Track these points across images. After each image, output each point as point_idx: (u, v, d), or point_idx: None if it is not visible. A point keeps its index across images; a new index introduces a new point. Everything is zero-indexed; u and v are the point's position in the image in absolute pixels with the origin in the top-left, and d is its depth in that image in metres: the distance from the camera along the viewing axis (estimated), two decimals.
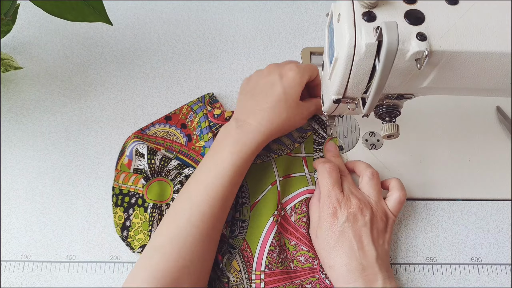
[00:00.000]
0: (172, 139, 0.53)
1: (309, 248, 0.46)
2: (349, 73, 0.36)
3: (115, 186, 0.51)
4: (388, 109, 0.41)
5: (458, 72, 0.35)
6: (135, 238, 0.48)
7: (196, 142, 0.53)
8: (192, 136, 0.53)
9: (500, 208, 0.49)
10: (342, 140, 0.53)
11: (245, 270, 0.45)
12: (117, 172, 0.51)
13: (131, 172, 0.51)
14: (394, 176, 0.50)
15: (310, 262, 0.45)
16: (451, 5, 0.35)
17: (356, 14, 0.34)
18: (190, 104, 0.55)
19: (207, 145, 0.52)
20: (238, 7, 0.62)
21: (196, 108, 0.55)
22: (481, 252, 0.47)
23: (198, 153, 0.52)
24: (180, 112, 0.55)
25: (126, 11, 0.62)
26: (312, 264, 0.45)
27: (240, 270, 0.45)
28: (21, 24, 0.59)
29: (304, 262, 0.46)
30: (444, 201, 0.50)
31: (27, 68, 0.57)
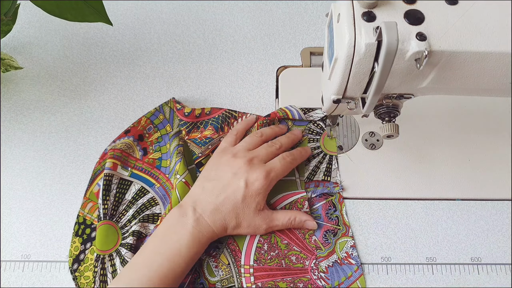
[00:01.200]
0: (129, 152, 0.52)
1: (301, 248, 0.46)
2: (349, 73, 0.36)
3: (80, 215, 0.49)
4: (387, 109, 0.41)
5: (457, 72, 0.36)
6: (83, 275, 0.46)
7: (150, 155, 0.53)
8: (148, 150, 0.53)
9: (500, 208, 0.49)
10: (342, 140, 0.53)
11: (234, 264, 0.46)
12: (85, 200, 0.50)
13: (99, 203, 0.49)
14: (394, 176, 0.50)
15: (301, 263, 0.46)
16: (450, 5, 0.35)
17: (356, 14, 0.34)
18: (149, 116, 0.54)
19: (164, 157, 0.52)
20: (238, 7, 0.62)
21: (158, 122, 0.54)
22: (481, 252, 0.47)
23: (153, 166, 0.52)
24: (139, 124, 0.54)
25: (126, 11, 0.62)
26: (303, 265, 0.46)
27: (229, 264, 0.46)
28: (21, 24, 0.59)
29: (295, 262, 0.46)
30: (444, 201, 0.50)
31: (27, 68, 0.57)
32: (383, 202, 0.50)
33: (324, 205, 0.49)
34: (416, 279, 0.46)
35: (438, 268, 0.46)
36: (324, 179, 0.50)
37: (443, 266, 0.46)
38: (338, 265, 0.46)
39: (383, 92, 0.39)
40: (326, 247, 0.47)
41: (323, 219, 0.48)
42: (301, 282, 0.45)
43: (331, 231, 0.48)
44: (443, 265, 0.47)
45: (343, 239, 0.47)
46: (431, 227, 0.48)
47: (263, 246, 0.46)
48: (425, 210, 0.49)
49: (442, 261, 0.47)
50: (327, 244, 0.47)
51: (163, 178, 0.51)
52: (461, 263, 0.47)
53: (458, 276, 0.46)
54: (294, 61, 0.59)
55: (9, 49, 0.58)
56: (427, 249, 0.47)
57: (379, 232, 0.48)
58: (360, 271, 0.46)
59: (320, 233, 0.47)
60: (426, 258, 0.47)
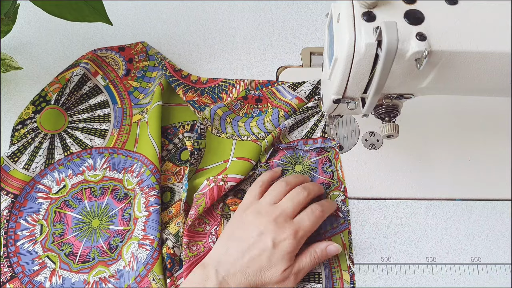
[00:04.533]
0: (113, 68, 0.56)
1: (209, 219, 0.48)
2: (349, 73, 0.36)
3: (45, 90, 0.54)
4: (387, 109, 0.41)
5: (457, 72, 0.36)
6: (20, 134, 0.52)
7: (130, 80, 0.56)
8: (130, 73, 0.56)
9: (500, 208, 0.49)
10: (342, 140, 0.53)
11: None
12: (55, 80, 0.55)
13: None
14: (394, 176, 0.50)
15: (202, 227, 0.47)
16: (450, 5, 0.35)
17: (356, 14, 0.34)
18: (145, 45, 0.58)
19: (140, 90, 0.55)
20: (238, 7, 0.62)
21: (151, 53, 0.57)
22: (480, 252, 0.47)
23: (127, 90, 0.55)
24: (135, 48, 0.58)
25: (126, 11, 0.62)
26: (203, 229, 0.47)
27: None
28: (21, 24, 0.59)
29: (197, 226, 0.47)
30: (444, 201, 0.50)
31: (27, 68, 0.57)
32: (383, 202, 0.50)
33: (320, 160, 0.51)
34: (416, 279, 0.46)
35: (438, 268, 0.46)
36: (322, 136, 0.52)
37: (443, 266, 0.46)
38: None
39: (383, 92, 0.39)
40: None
41: (318, 172, 0.51)
42: (195, 245, 0.46)
43: (325, 184, 0.50)
44: (443, 265, 0.47)
45: (335, 192, 0.49)
46: (431, 227, 0.48)
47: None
48: (425, 210, 0.49)
49: (442, 261, 0.47)
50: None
51: (127, 104, 0.55)
52: (461, 263, 0.47)
53: (458, 276, 0.46)
54: (294, 61, 0.59)
55: (9, 49, 0.58)
56: (427, 249, 0.47)
57: (379, 232, 0.48)
58: (346, 225, 0.48)
59: None
60: (426, 258, 0.47)
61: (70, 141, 0.52)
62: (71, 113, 0.54)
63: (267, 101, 0.54)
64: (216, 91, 0.56)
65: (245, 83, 0.56)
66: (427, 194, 0.50)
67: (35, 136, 0.52)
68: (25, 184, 0.49)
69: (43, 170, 0.50)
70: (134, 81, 0.56)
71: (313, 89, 0.54)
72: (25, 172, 0.50)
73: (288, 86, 0.55)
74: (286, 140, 0.53)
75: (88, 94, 0.55)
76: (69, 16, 0.46)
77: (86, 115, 0.54)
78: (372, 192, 0.50)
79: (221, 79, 0.56)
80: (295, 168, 0.51)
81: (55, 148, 0.52)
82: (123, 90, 0.55)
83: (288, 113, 0.53)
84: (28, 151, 0.51)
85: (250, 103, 0.54)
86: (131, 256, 0.46)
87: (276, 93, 0.55)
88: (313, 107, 0.53)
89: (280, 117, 0.52)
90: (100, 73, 0.55)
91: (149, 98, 0.55)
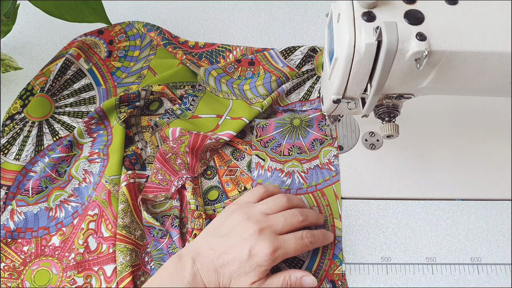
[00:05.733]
0: (95, 51, 0.58)
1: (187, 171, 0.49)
2: (349, 73, 0.36)
3: (31, 83, 0.55)
4: (387, 109, 0.41)
5: (457, 72, 0.36)
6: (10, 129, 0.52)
7: (113, 60, 0.57)
8: (112, 54, 0.58)
9: (500, 208, 0.49)
10: (342, 140, 0.53)
11: None
12: (40, 73, 0.56)
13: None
14: (394, 176, 0.50)
15: (179, 167, 0.49)
16: (450, 5, 0.35)
17: (356, 14, 0.34)
18: (123, 26, 0.59)
19: (122, 69, 0.57)
20: (238, 7, 0.62)
21: (130, 34, 0.59)
22: (480, 252, 0.47)
23: (109, 70, 0.56)
24: (113, 29, 0.59)
25: (125, 11, 0.62)
26: (166, 183, 0.49)
27: None
28: (21, 24, 0.59)
29: (175, 163, 0.49)
30: (444, 201, 0.50)
31: (27, 68, 0.57)
32: (383, 202, 0.50)
33: (318, 117, 0.53)
34: (416, 279, 0.46)
35: (438, 268, 0.46)
36: (319, 97, 0.54)
37: (443, 266, 0.46)
38: (319, 168, 0.51)
39: (383, 92, 0.39)
40: (311, 152, 0.51)
41: (314, 128, 0.53)
42: (163, 175, 0.49)
43: (318, 140, 0.52)
44: (443, 265, 0.46)
45: (328, 148, 0.52)
46: (431, 227, 0.48)
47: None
48: (425, 210, 0.49)
49: (442, 261, 0.47)
50: (312, 150, 0.51)
51: (111, 84, 0.56)
52: (461, 263, 0.47)
53: (458, 276, 0.46)
54: None
55: (9, 49, 0.58)
56: (427, 249, 0.47)
57: (379, 232, 0.48)
58: (337, 178, 0.50)
59: (309, 140, 0.52)
60: (426, 258, 0.47)
61: (58, 126, 0.53)
62: (56, 98, 0.55)
63: (259, 64, 0.57)
64: (213, 55, 0.58)
65: (241, 50, 0.58)
66: (427, 194, 0.50)
67: (23, 125, 0.53)
68: (17, 173, 0.50)
69: (33, 158, 0.51)
70: (117, 61, 0.57)
71: (303, 58, 0.57)
72: (16, 163, 0.51)
73: (280, 52, 0.57)
74: (284, 102, 0.55)
75: (72, 78, 0.56)
76: (68, 17, 0.46)
77: (72, 99, 0.55)
78: (372, 192, 0.50)
79: (218, 44, 0.59)
80: (293, 122, 0.53)
81: (43, 135, 0.53)
82: (106, 71, 0.57)
83: (280, 79, 0.55)
84: (18, 142, 0.52)
85: (243, 66, 0.57)
86: (84, 173, 0.49)
87: (268, 58, 0.57)
88: (308, 70, 0.56)
89: (272, 81, 0.54)
90: (83, 56, 0.57)
91: (133, 77, 0.56)
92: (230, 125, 0.52)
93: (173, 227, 0.48)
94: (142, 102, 0.53)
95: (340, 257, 0.46)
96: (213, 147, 0.51)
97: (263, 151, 0.51)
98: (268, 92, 0.54)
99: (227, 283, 0.41)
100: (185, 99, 0.53)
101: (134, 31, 0.59)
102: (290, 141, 0.52)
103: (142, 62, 0.57)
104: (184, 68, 0.55)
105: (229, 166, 0.51)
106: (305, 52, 0.57)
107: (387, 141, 0.52)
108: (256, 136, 0.52)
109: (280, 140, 0.52)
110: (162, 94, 0.54)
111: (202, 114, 0.53)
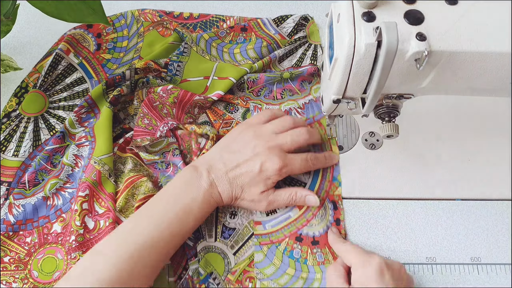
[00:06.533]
0: (84, 45, 0.57)
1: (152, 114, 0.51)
2: (349, 73, 0.36)
3: (25, 81, 0.55)
4: (387, 109, 0.41)
5: (457, 72, 0.36)
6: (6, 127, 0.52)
7: (102, 53, 0.57)
8: (102, 47, 0.57)
9: (499, 208, 0.49)
10: (342, 140, 0.53)
11: None
12: (33, 70, 0.56)
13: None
14: (394, 176, 0.50)
15: (165, 113, 0.51)
16: (450, 5, 0.35)
17: (355, 14, 0.34)
18: (113, 18, 0.59)
19: (113, 60, 0.57)
20: (238, 7, 0.62)
21: (118, 25, 0.59)
22: (480, 252, 0.47)
23: (100, 63, 0.56)
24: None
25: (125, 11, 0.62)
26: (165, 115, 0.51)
27: None
28: (21, 24, 0.59)
29: (162, 108, 0.51)
30: (444, 201, 0.50)
31: (27, 69, 0.57)
32: (383, 202, 0.50)
33: (309, 69, 0.55)
34: (416, 279, 0.46)
35: (438, 268, 0.46)
36: (312, 63, 0.56)
37: (443, 266, 0.46)
38: (314, 102, 0.54)
39: (383, 92, 0.39)
40: (302, 92, 0.54)
41: (304, 73, 0.54)
42: (149, 120, 0.50)
43: (306, 81, 0.55)
44: (443, 265, 0.47)
45: (317, 86, 0.55)
46: (431, 227, 0.48)
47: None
48: (425, 210, 0.49)
49: (442, 261, 0.47)
50: (303, 90, 0.54)
51: (103, 76, 0.56)
52: (461, 263, 0.47)
53: (458, 276, 0.46)
54: None
55: (8, 49, 0.58)
56: (427, 249, 0.47)
57: (379, 232, 0.48)
58: None
59: (297, 82, 0.55)
60: (426, 258, 0.47)
61: (54, 120, 0.53)
62: (50, 94, 0.55)
63: (251, 31, 0.58)
64: (207, 25, 0.59)
65: (235, 19, 0.59)
66: (427, 194, 0.50)
67: (19, 122, 0.53)
68: (17, 169, 0.50)
69: (32, 153, 0.51)
70: (106, 53, 0.57)
71: (295, 26, 0.58)
72: (14, 159, 0.51)
73: (272, 20, 0.59)
74: (276, 69, 0.56)
75: (63, 73, 0.56)
76: (67, 17, 0.46)
77: (65, 93, 0.55)
78: (372, 192, 0.50)
79: (212, 14, 0.60)
80: (283, 75, 0.54)
81: (40, 130, 0.53)
82: (96, 64, 0.57)
83: (271, 45, 0.56)
84: (15, 138, 0.52)
85: (235, 31, 0.58)
86: (75, 158, 0.49)
87: (260, 24, 0.58)
88: (300, 37, 0.57)
89: (263, 47, 0.56)
90: (72, 51, 0.57)
91: (124, 68, 0.56)
92: (219, 86, 0.53)
93: (175, 156, 0.50)
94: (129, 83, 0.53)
95: (338, 179, 0.50)
96: (201, 104, 0.53)
97: (257, 100, 0.54)
98: (258, 56, 0.56)
99: (239, 192, 0.45)
100: (170, 66, 0.54)
101: (122, 22, 0.59)
102: (280, 86, 0.55)
103: (132, 52, 0.57)
104: (170, 46, 0.56)
105: (224, 119, 0.53)
106: (296, 21, 0.58)
107: (387, 141, 0.52)
108: (248, 88, 0.54)
109: (270, 87, 0.55)
110: (146, 71, 0.54)
111: (190, 78, 0.55)
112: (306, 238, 0.47)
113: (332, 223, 0.48)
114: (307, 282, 0.45)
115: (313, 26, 0.59)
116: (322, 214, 0.48)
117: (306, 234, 0.47)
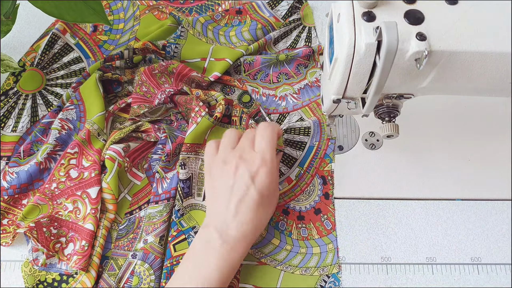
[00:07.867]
0: (81, 26, 0.59)
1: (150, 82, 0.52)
2: (349, 73, 0.36)
3: (22, 60, 0.56)
4: (387, 109, 0.41)
5: (457, 72, 0.36)
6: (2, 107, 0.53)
7: (99, 34, 0.58)
8: (98, 29, 0.59)
9: (500, 208, 0.49)
10: (342, 140, 0.53)
11: None
12: (30, 49, 0.57)
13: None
14: (394, 176, 0.50)
15: (162, 81, 0.52)
16: (450, 5, 0.35)
17: (356, 14, 0.34)
18: (110, 2, 0.60)
19: (110, 42, 0.58)
20: None
21: (114, 8, 0.60)
22: (480, 252, 0.47)
23: (97, 44, 0.58)
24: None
25: None
26: (162, 83, 0.52)
27: None
28: (21, 24, 0.59)
29: (160, 77, 0.52)
30: (444, 201, 0.50)
31: None
32: (383, 202, 0.50)
33: (304, 50, 0.55)
34: (416, 279, 0.46)
35: (438, 268, 0.46)
36: (306, 45, 0.58)
37: (443, 266, 0.46)
38: (309, 87, 0.55)
39: (383, 92, 0.39)
40: (298, 76, 0.56)
41: (300, 55, 0.55)
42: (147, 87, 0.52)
43: (302, 65, 0.56)
44: (443, 265, 0.47)
45: (313, 70, 0.56)
46: (431, 227, 0.48)
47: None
48: (425, 210, 0.49)
49: (442, 261, 0.47)
50: (298, 74, 0.56)
51: (100, 56, 0.57)
52: (461, 263, 0.47)
53: (458, 276, 0.46)
54: None
55: (8, 49, 0.58)
56: (427, 249, 0.47)
57: (379, 232, 0.48)
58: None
59: (293, 66, 0.56)
60: (426, 258, 0.47)
61: (52, 97, 0.54)
62: (47, 71, 0.56)
63: (246, 13, 0.59)
64: (203, 9, 0.60)
65: (230, 3, 0.60)
66: (427, 194, 0.50)
67: (17, 99, 0.54)
68: (15, 143, 0.52)
69: (30, 128, 0.52)
70: (103, 35, 0.58)
71: (289, 9, 0.59)
72: (13, 134, 0.52)
73: (266, 3, 0.60)
74: (272, 50, 0.58)
75: (60, 52, 0.57)
76: (68, 17, 0.46)
77: (62, 72, 0.56)
78: (372, 192, 0.50)
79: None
80: (279, 57, 0.55)
81: (38, 106, 0.54)
82: (93, 45, 0.58)
83: (266, 27, 0.57)
84: (14, 115, 0.53)
85: (230, 14, 0.59)
86: (60, 121, 0.50)
87: (255, 7, 0.60)
88: (295, 20, 0.58)
89: (257, 29, 0.57)
90: (68, 31, 0.58)
91: (121, 49, 0.56)
92: (216, 67, 0.54)
93: (178, 120, 0.52)
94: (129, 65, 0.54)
95: (331, 156, 0.51)
96: (198, 82, 0.53)
97: (253, 83, 0.55)
98: (253, 38, 0.57)
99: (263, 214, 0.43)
100: (168, 48, 0.55)
101: (119, 5, 0.60)
102: (276, 69, 0.56)
103: (128, 34, 0.58)
104: (168, 28, 0.57)
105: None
106: (291, 3, 0.59)
107: (387, 141, 0.52)
108: (244, 71, 0.55)
109: (267, 71, 0.56)
110: (145, 51, 0.55)
111: (187, 59, 0.55)
112: (292, 212, 0.48)
113: (320, 196, 0.49)
114: (289, 255, 0.46)
115: (307, 8, 0.60)
116: (310, 190, 0.49)
117: (293, 208, 0.49)
